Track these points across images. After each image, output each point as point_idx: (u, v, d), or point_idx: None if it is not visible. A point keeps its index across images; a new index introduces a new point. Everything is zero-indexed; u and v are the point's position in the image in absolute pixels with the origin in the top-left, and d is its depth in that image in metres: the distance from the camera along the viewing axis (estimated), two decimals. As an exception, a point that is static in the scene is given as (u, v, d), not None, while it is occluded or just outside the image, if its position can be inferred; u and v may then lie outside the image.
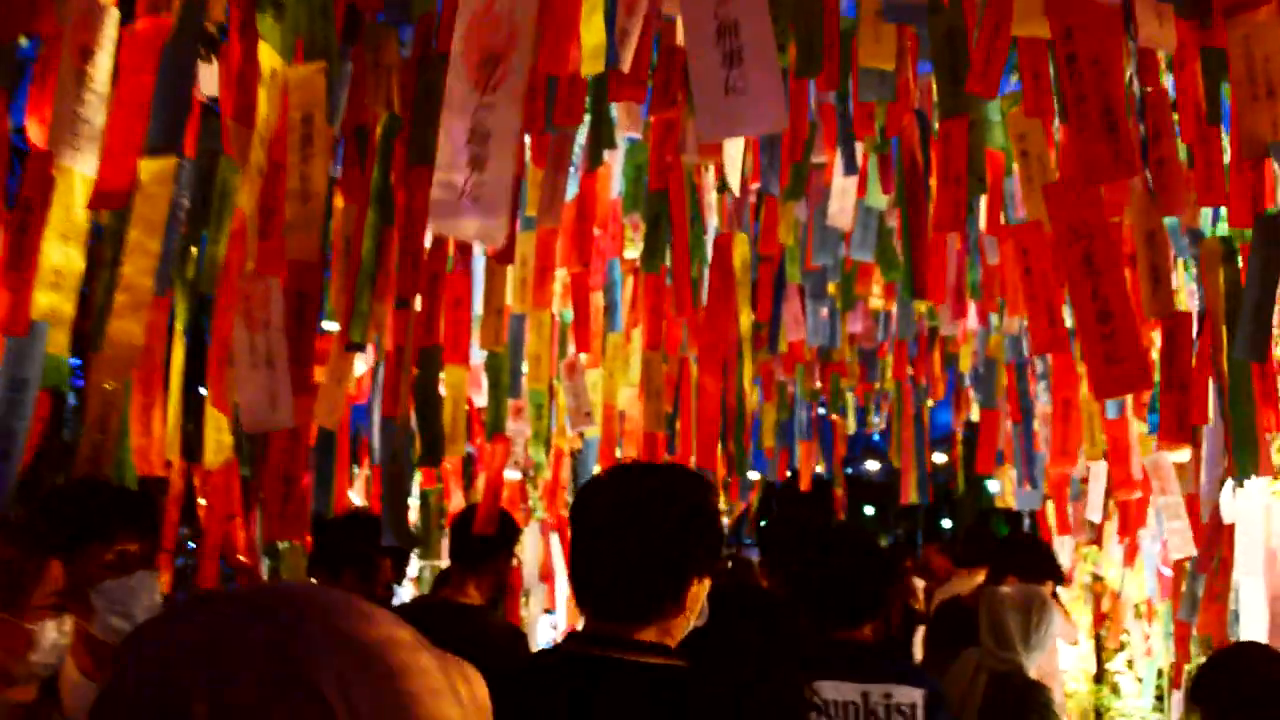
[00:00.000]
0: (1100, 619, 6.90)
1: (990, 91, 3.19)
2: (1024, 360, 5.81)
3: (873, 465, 27.03)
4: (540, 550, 6.20)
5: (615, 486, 1.71)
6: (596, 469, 5.47)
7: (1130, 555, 6.07)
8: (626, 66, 3.74)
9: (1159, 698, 6.73)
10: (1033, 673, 3.92)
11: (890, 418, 8.44)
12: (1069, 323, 3.76)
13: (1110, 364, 2.45)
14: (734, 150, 4.71)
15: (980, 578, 6.65)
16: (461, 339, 4.31)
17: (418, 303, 3.59)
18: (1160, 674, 6.82)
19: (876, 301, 6.20)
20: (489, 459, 4.03)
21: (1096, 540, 6.69)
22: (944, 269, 4.39)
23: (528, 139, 4.33)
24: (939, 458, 14.50)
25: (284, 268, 2.92)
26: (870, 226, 5.27)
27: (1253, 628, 4.26)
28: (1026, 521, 7.35)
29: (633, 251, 5.48)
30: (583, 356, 4.85)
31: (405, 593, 5.40)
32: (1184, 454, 4.51)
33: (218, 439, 3.19)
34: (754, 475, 8.37)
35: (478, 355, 4.92)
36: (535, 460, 4.93)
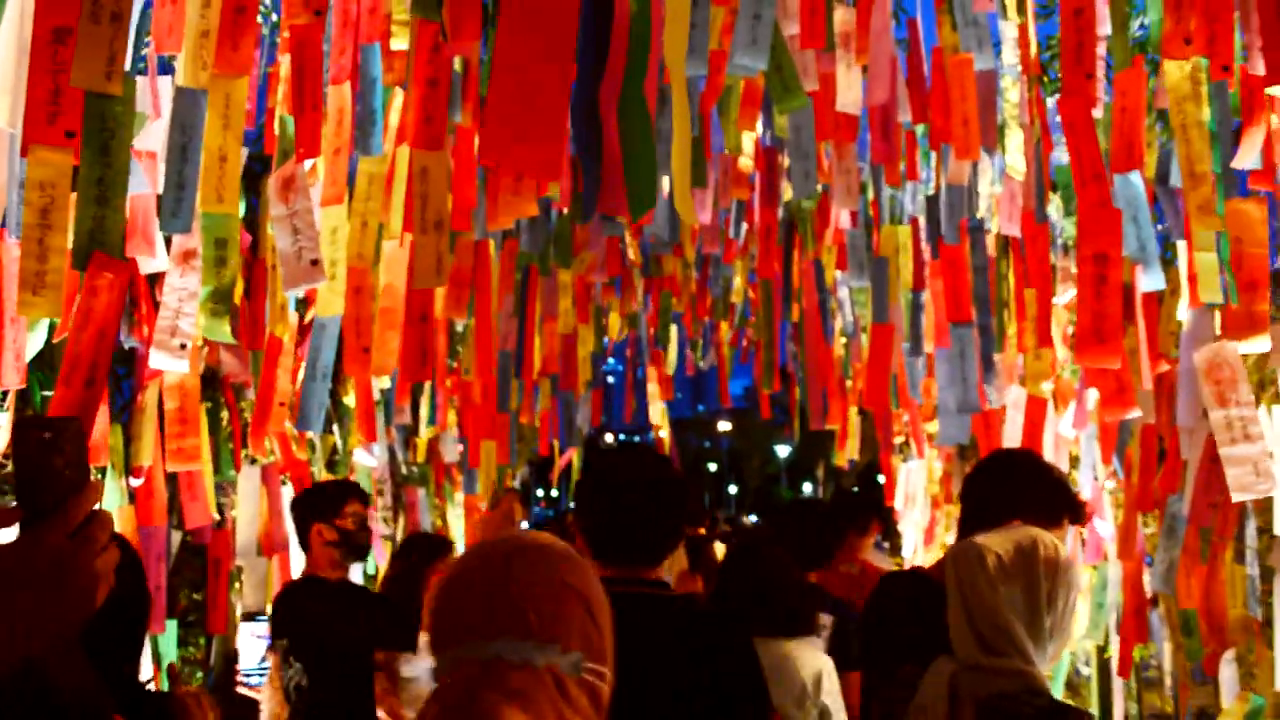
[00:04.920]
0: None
1: None
2: (976, 222, 4.19)
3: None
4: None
5: (632, 465, 2.40)
6: (327, 374, 3.39)
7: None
8: None
9: (1069, 684, 5.41)
10: (1048, 677, 2.29)
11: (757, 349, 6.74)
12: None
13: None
14: None
15: (868, 544, 5.06)
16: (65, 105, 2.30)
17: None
18: (1074, 658, 5.47)
19: (746, 162, 4.35)
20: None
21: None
22: None
23: None
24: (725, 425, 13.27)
25: None
26: (765, 19, 3.52)
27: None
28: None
29: (402, 39, 3.52)
30: (308, 166, 2.88)
31: None
32: (1264, 342, 3.01)
33: None
34: None
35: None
36: (212, 337, 2.82)
